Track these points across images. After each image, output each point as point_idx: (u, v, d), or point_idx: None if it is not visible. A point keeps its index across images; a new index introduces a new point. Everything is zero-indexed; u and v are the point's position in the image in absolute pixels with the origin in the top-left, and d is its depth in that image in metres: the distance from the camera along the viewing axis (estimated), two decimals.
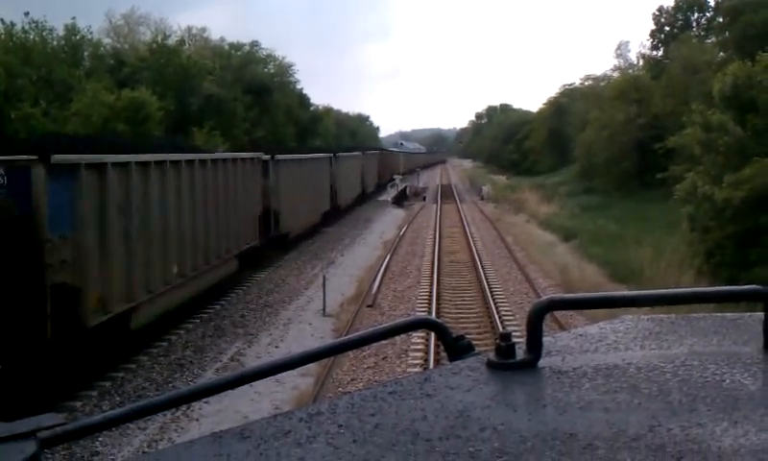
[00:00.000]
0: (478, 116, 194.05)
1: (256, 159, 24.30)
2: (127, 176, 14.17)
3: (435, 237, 31.61)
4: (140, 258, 14.48)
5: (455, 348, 1.31)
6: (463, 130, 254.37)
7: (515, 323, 16.00)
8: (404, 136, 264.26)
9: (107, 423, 1.14)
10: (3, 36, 35.41)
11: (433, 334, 12.26)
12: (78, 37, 41.02)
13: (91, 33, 43.59)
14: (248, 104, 48.78)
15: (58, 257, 11.60)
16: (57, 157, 11.76)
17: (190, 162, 17.85)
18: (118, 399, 12.63)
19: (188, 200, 17.39)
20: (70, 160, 12.33)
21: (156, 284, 15.27)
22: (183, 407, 11.26)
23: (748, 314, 1.52)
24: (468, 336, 1.36)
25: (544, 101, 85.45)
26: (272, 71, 60.84)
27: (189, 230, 17.31)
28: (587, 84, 65.62)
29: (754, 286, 1.31)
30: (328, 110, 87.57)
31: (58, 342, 11.32)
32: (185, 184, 17.21)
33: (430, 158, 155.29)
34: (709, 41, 47.82)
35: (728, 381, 1.14)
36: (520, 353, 1.24)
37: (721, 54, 40.08)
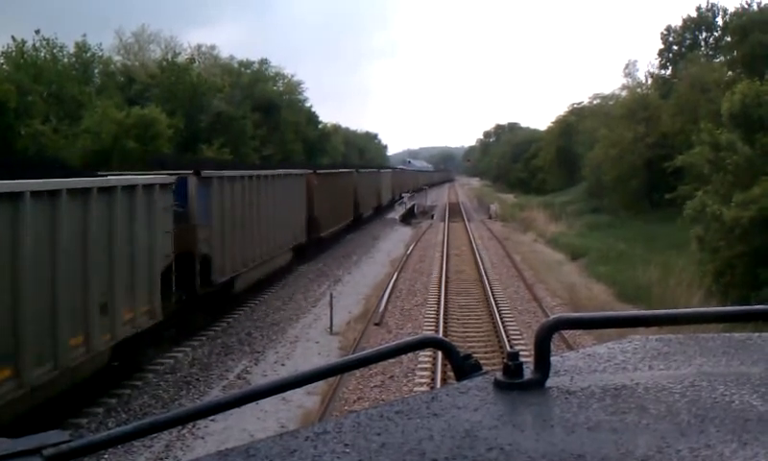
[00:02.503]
0: (486, 135, 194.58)
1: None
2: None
3: (443, 255, 31.60)
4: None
5: (462, 367, 1.31)
6: (471, 148, 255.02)
7: (522, 342, 15.96)
8: (412, 154, 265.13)
9: (112, 440, 1.14)
10: (14, 54, 35.73)
11: (440, 353, 12.24)
12: (88, 55, 41.39)
13: (102, 50, 44.04)
14: (257, 121, 49.00)
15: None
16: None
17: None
18: (124, 416, 12.62)
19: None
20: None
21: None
22: (189, 425, 11.25)
23: (757, 334, 1.51)
24: (475, 355, 1.35)
25: (553, 119, 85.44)
26: (280, 89, 61.17)
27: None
28: (595, 102, 65.68)
29: (763, 306, 1.31)
30: (336, 128, 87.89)
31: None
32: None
33: (438, 177, 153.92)
34: (718, 60, 47.83)
35: (737, 402, 1.13)
36: (528, 373, 1.23)
37: (729, 73, 40.04)
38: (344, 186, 40.83)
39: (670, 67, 55.31)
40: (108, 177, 14.68)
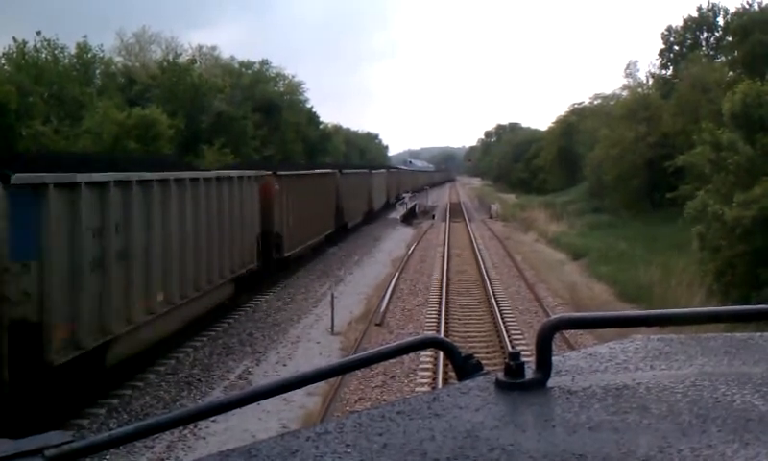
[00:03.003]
0: (487, 134, 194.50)
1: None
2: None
3: (444, 255, 31.60)
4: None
5: (464, 367, 1.31)
6: (472, 148, 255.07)
7: (524, 342, 15.95)
8: (413, 154, 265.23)
9: (114, 441, 1.14)
10: (15, 55, 35.77)
11: (441, 353, 12.23)
12: (89, 56, 41.39)
13: (103, 51, 44.06)
14: (257, 122, 49.01)
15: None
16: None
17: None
18: (126, 416, 12.63)
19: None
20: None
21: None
22: (191, 426, 11.25)
23: (758, 334, 1.51)
24: (476, 355, 1.35)
25: (554, 119, 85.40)
26: (281, 89, 61.17)
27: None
28: (596, 102, 65.66)
29: (764, 306, 1.31)
30: (337, 129, 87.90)
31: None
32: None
33: (438, 177, 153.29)
34: (719, 60, 47.80)
35: (738, 402, 1.13)
36: (529, 373, 1.23)
37: (730, 73, 40.01)
38: (321, 191, 33.70)
39: (671, 67, 55.27)
40: None
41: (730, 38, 45.44)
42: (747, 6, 44.59)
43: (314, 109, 68.05)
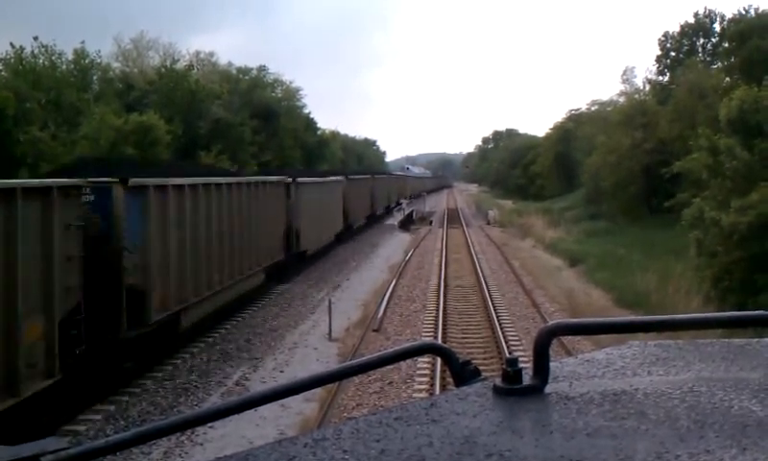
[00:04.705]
0: (484, 141, 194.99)
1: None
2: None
3: (441, 261, 31.59)
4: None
5: (461, 373, 1.30)
6: (469, 154, 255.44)
7: (521, 348, 15.95)
8: (411, 161, 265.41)
9: (111, 447, 1.13)
10: (13, 60, 35.78)
11: (439, 359, 12.19)
12: (87, 61, 41.42)
13: (100, 57, 44.09)
14: (255, 128, 49.01)
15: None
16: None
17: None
18: (123, 423, 12.60)
19: None
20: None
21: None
22: (188, 432, 11.23)
23: (756, 340, 1.51)
24: (474, 361, 1.35)
25: (551, 126, 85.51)
26: (279, 95, 61.21)
27: None
28: (593, 109, 65.71)
29: (762, 312, 1.31)
30: (335, 135, 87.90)
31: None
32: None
33: (432, 184, 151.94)
34: (715, 66, 47.87)
35: (736, 408, 1.13)
36: (527, 379, 1.23)
37: (727, 79, 40.07)
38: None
39: (668, 73, 55.30)
40: None
41: (726, 44, 45.54)
42: (743, 12, 44.77)
43: (311, 115, 68.17)
